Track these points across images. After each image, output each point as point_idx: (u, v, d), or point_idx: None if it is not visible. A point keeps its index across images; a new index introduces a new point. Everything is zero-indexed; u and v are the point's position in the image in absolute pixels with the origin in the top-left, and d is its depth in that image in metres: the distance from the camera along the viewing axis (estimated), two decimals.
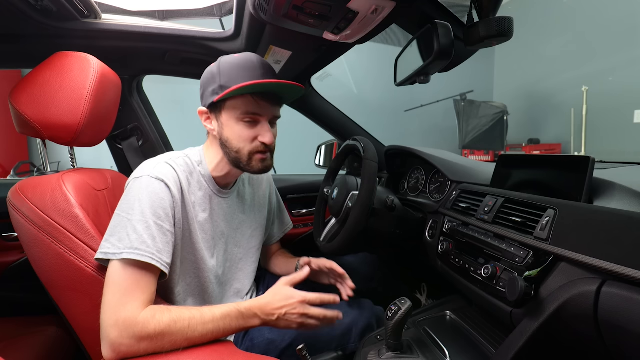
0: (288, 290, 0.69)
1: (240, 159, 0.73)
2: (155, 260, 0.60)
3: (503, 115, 4.24)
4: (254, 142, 0.72)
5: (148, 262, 0.59)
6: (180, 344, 0.58)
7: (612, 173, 0.68)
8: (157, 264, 0.60)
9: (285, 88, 0.70)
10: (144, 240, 0.60)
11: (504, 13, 0.61)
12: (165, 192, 0.66)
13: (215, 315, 0.61)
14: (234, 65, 0.71)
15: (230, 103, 0.71)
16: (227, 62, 0.72)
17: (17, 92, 0.73)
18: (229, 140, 0.72)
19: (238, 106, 0.70)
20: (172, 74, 1.26)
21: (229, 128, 0.72)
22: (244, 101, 0.70)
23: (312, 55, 1.00)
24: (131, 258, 0.58)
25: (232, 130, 0.72)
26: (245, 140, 0.72)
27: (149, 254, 0.59)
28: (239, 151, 0.72)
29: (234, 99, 0.70)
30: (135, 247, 0.59)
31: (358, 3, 0.63)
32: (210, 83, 0.72)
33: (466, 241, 0.74)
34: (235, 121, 0.71)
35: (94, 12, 0.95)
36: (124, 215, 0.62)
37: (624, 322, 0.41)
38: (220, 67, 0.71)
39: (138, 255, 0.58)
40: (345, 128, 1.45)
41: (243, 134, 0.71)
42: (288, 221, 1.08)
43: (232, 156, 0.73)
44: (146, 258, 0.59)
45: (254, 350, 0.76)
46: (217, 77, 0.71)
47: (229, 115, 0.71)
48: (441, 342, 0.72)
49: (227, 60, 0.72)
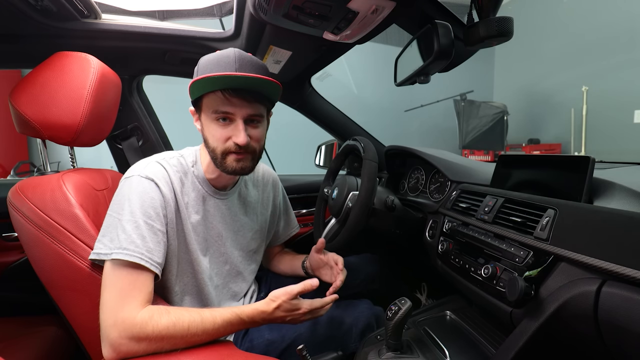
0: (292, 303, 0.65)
1: (215, 157, 0.70)
2: (145, 260, 0.59)
3: (503, 115, 4.24)
4: (227, 142, 0.68)
5: (136, 262, 0.58)
6: (179, 345, 0.58)
7: (612, 173, 0.68)
8: (147, 264, 0.60)
9: (257, 83, 0.64)
10: (132, 240, 0.59)
11: (504, 13, 0.61)
12: (156, 192, 0.65)
13: (215, 320, 0.60)
14: (210, 61, 0.67)
15: (205, 101, 0.68)
16: (206, 58, 0.68)
17: (17, 92, 0.73)
18: (207, 140, 0.70)
19: (210, 104, 0.67)
20: (172, 74, 1.26)
21: (206, 127, 0.70)
22: (214, 98, 0.66)
23: (312, 55, 1.00)
24: (120, 258, 0.58)
25: (208, 129, 0.69)
26: (218, 140, 0.68)
27: (138, 254, 0.59)
28: (214, 150, 0.69)
29: (207, 96, 0.67)
30: (124, 247, 0.58)
31: (358, 3, 0.63)
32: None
33: (466, 241, 0.74)
34: (210, 120, 0.68)
35: (94, 12, 0.95)
36: (115, 215, 0.62)
37: (624, 322, 0.41)
38: (199, 64, 0.69)
39: (127, 256, 0.58)
40: (345, 128, 1.45)
41: (216, 134, 0.68)
42: (295, 224, 1.05)
43: (210, 156, 0.71)
44: (135, 258, 0.58)
45: (253, 350, 0.76)
46: (195, 75, 0.68)
47: (205, 114, 0.69)
48: (441, 342, 0.71)
49: (207, 56, 0.69)
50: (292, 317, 0.66)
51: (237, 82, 0.64)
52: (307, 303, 0.68)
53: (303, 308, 0.67)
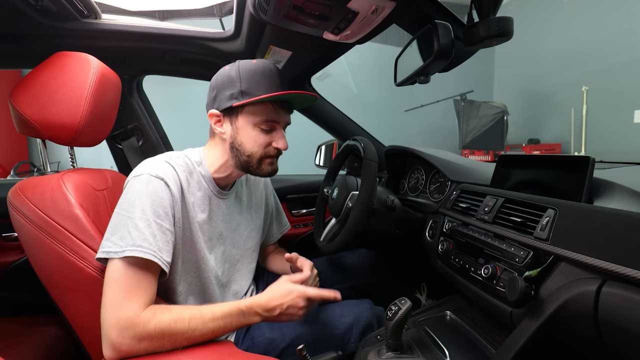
0: (288, 285, 0.70)
1: (251, 162, 0.75)
2: (157, 258, 0.60)
3: (503, 115, 4.24)
4: (267, 148, 0.75)
5: (150, 259, 0.59)
6: (180, 343, 0.58)
7: (612, 173, 0.68)
8: (159, 262, 0.60)
9: (304, 98, 0.74)
10: (145, 238, 0.60)
11: (504, 13, 0.61)
12: (165, 191, 0.66)
13: (215, 314, 0.62)
14: (255, 72, 0.71)
15: (250, 109, 0.72)
16: (247, 68, 0.72)
17: (17, 92, 0.73)
18: (242, 145, 0.73)
19: (258, 113, 0.72)
20: (172, 74, 1.26)
21: (244, 133, 0.73)
22: (264, 109, 0.72)
23: (312, 55, 1.00)
24: (134, 255, 0.58)
25: (247, 135, 0.73)
26: (260, 146, 0.74)
27: (151, 251, 0.59)
28: (251, 155, 0.74)
29: (253, 105, 0.72)
30: (138, 245, 0.59)
31: (358, 3, 0.63)
32: (227, 87, 0.72)
33: (466, 241, 0.74)
34: (252, 126, 0.73)
35: (94, 12, 0.95)
36: (125, 213, 0.62)
37: (624, 322, 0.41)
38: (240, 72, 0.72)
39: (141, 253, 0.58)
40: (345, 128, 1.45)
41: (259, 139, 0.73)
42: (286, 222, 1.08)
43: (243, 159, 0.75)
44: (149, 255, 0.59)
45: (254, 349, 0.76)
46: (237, 82, 0.71)
47: (246, 120, 0.72)
48: (441, 342, 0.71)
49: (247, 66, 0.72)
50: (289, 304, 0.67)
51: (292, 97, 0.73)
52: (301, 287, 0.70)
53: (296, 291, 0.69)
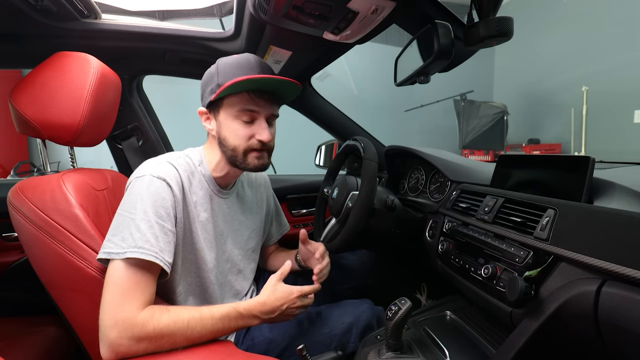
0: (284, 287, 0.70)
1: (236, 156, 0.73)
2: (159, 259, 0.60)
3: (503, 115, 4.24)
4: (250, 140, 0.72)
5: (152, 260, 0.59)
6: (179, 343, 0.58)
7: (612, 173, 0.68)
8: (161, 263, 0.60)
9: (282, 85, 0.70)
10: (147, 239, 0.60)
11: (504, 13, 0.61)
12: (167, 192, 0.66)
13: (214, 315, 0.62)
14: (231, 64, 0.72)
15: (228, 101, 0.71)
16: (225, 61, 0.73)
17: (17, 92, 0.73)
18: (226, 139, 0.73)
19: (235, 103, 0.71)
20: (172, 74, 1.26)
21: (225, 126, 0.72)
22: (241, 98, 0.70)
23: (312, 55, 1.00)
24: (135, 257, 0.58)
25: (228, 128, 0.72)
26: (241, 138, 0.72)
27: (153, 252, 0.59)
28: (235, 149, 0.73)
29: (230, 97, 0.71)
30: (140, 246, 0.59)
31: (358, 3, 0.63)
32: (208, 83, 0.73)
33: (466, 241, 0.74)
34: (232, 119, 0.72)
35: (94, 12, 0.95)
36: (127, 214, 0.62)
37: (624, 322, 0.41)
38: (218, 67, 0.73)
39: (142, 254, 0.58)
40: (345, 128, 1.45)
41: (239, 132, 0.71)
42: (285, 223, 1.08)
43: (229, 154, 0.74)
44: (150, 257, 0.59)
45: (254, 348, 0.76)
46: (215, 77, 0.72)
47: (226, 113, 0.72)
48: (441, 342, 0.71)
49: (225, 60, 0.73)
50: (288, 305, 0.69)
51: (263, 82, 0.69)
52: (298, 288, 0.71)
53: (295, 292, 0.70)
